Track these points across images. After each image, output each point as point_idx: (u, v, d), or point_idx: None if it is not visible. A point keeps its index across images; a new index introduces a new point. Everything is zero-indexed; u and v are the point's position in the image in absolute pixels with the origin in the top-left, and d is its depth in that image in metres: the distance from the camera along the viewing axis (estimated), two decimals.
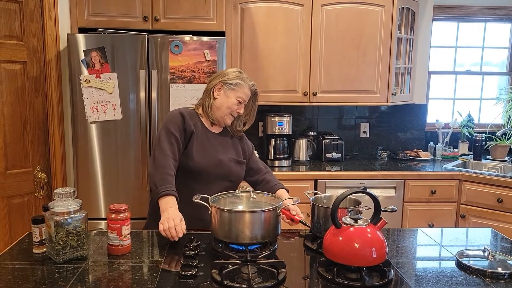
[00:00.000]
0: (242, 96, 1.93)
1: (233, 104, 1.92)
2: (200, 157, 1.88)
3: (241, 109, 1.94)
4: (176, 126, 1.87)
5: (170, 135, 1.85)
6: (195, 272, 1.37)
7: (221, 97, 1.93)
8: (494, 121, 3.82)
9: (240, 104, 1.94)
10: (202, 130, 1.95)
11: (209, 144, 1.93)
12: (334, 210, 1.38)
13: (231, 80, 1.93)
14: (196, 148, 1.89)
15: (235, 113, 1.94)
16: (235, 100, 1.92)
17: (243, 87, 1.93)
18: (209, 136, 1.95)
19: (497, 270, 1.41)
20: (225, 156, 1.94)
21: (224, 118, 1.94)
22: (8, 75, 2.59)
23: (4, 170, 2.61)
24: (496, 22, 3.84)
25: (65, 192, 1.47)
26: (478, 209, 3.10)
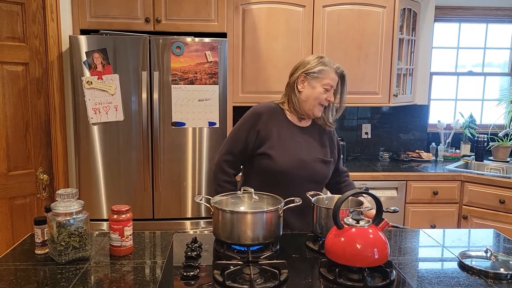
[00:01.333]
0: (329, 82, 1.81)
1: (320, 93, 1.81)
2: (280, 158, 1.80)
3: (331, 97, 1.82)
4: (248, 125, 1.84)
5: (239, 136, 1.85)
6: (197, 273, 1.37)
7: (306, 89, 1.83)
8: (496, 122, 3.82)
9: (329, 92, 1.82)
10: (287, 127, 1.85)
11: (292, 142, 1.84)
12: (336, 211, 1.37)
13: (313, 68, 1.82)
14: (276, 148, 1.81)
15: (325, 101, 1.82)
16: (322, 89, 1.81)
17: (328, 72, 1.82)
18: (294, 133, 1.85)
19: (499, 271, 1.40)
20: (309, 155, 1.84)
21: (313, 110, 1.83)
22: (10, 76, 2.60)
23: (6, 171, 2.62)
24: (498, 23, 3.84)
25: (67, 193, 1.48)
26: (480, 210, 3.09)
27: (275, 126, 1.85)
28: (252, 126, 1.84)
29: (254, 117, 1.86)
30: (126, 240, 1.55)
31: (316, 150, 1.88)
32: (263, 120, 1.84)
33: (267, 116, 1.85)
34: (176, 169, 2.82)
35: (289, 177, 1.81)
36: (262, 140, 1.83)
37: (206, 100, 2.78)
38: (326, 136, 1.94)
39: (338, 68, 1.85)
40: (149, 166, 2.78)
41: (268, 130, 1.83)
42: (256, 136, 1.83)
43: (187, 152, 2.82)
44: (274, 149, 1.82)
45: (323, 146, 1.92)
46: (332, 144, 1.96)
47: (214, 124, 2.81)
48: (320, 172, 1.88)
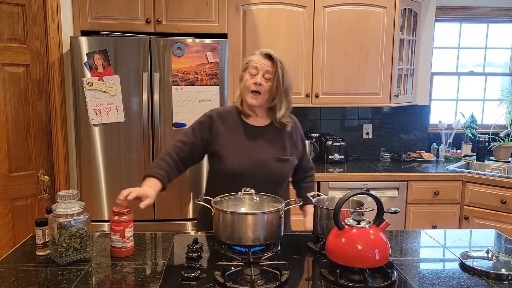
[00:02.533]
0: (253, 65, 1.79)
1: (247, 80, 1.80)
2: (231, 159, 1.79)
3: (256, 79, 1.77)
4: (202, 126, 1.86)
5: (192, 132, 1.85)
6: (198, 274, 1.37)
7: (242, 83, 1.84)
8: (497, 122, 3.81)
9: (255, 76, 1.78)
10: (241, 128, 1.85)
11: (246, 143, 1.83)
12: (337, 211, 1.37)
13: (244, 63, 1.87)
14: (227, 149, 1.81)
15: (253, 86, 1.78)
16: (248, 76, 1.80)
17: (253, 60, 1.81)
18: (249, 133, 1.84)
19: (500, 272, 1.40)
20: (265, 154, 1.82)
21: (246, 99, 1.81)
22: (12, 78, 2.60)
23: (7, 172, 2.62)
24: (498, 22, 3.84)
25: (68, 194, 1.48)
26: (482, 210, 3.09)
27: (227, 127, 1.85)
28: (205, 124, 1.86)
29: (206, 117, 1.88)
30: (127, 241, 1.55)
31: (273, 149, 1.85)
32: (215, 120, 1.85)
33: (220, 117, 1.86)
34: None
35: (244, 177, 1.76)
36: (213, 141, 1.84)
37: (207, 101, 2.78)
38: (286, 134, 1.91)
39: (263, 51, 1.82)
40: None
41: (219, 131, 1.84)
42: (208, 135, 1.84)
43: None
44: (225, 150, 1.82)
45: (282, 144, 1.88)
46: (292, 142, 1.92)
47: None
48: (276, 171, 1.84)
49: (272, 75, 1.79)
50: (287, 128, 1.91)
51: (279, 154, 1.85)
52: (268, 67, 1.79)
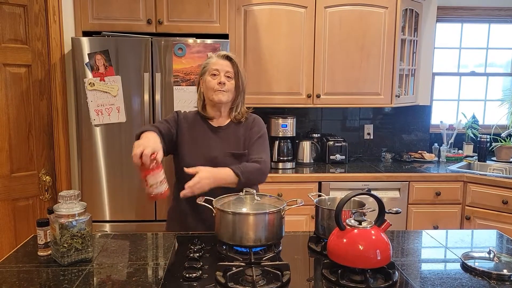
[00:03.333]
0: (212, 67, 1.89)
1: (209, 81, 1.89)
2: (190, 157, 1.88)
3: (220, 78, 1.87)
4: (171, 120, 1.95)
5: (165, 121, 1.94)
6: (199, 274, 1.37)
7: (203, 85, 1.94)
8: (499, 122, 3.81)
9: (217, 76, 1.88)
10: (200, 128, 1.94)
11: (203, 141, 1.92)
12: (338, 212, 1.37)
13: (202, 67, 1.95)
14: (186, 147, 1.90)
15: (218, 86, 1.87)
16: (209, 77, 1.89)
17: (211, 62, 1.92)
18: (207, 133, 1.93)
19: (502, 272, 1.40)
20: (220, 151, 1.89)
21: (213, 97, 1.89)
22: (13, 78, 2.61)
23: (9, 173, 2.63)
24: (500, 23, 3.83)
25: (70, 194, 1.48)
26: (483, 210, 3.08)
27: (188, 126, 1.94)
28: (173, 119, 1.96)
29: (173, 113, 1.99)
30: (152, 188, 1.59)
31: (229, 146, 1.92)
32: (180, 118, 1.96)
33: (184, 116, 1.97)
34: None
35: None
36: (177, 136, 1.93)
37: None
38: (243, 128, 1.97)
39: (220, 53, 1.93)
40: None
41: (182, 127, 1.93)
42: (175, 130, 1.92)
43: None
44: (184, 148, 1.91)
45: (237, 139, 1.94)
46: (247, 134, 1.96)
47: None
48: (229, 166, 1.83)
49: (233, 74, 1.91)
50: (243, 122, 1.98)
51: (234, 149, 1.92)
52: (228, 67, 1.91)
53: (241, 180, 1.79)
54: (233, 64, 1.91)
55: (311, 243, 1.67)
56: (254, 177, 1.86)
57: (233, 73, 1.91)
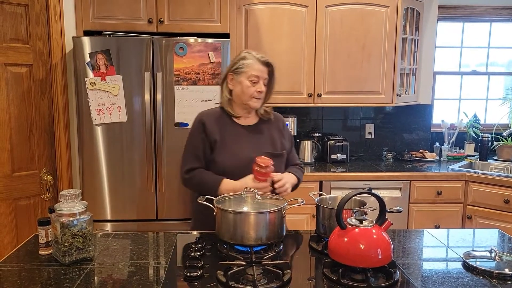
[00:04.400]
0: (253, 73, 1.85)
1: (248, 87, 1.85)
2: (229, 160, 1.84)
3: (260, 87, 1.86)
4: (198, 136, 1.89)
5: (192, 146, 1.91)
6: (200, 273, 1.37)
7: (235, 86, 1.89)
8: (501, 121, 3.80)
9: (257, 84, 1.86)
10: (232, 129, 1.90)
11: (237, 143, 1.88)
12: (339, 211, 1.37)
13: (237, 64, 1.89)
14: (221, 152, 1.86)
15: (257, 94, 1.86)
16: (248, 82, 1.85)
17: (251, 64, 1.86)
18: (239, 134, 1.90)
19: (504, 271, 1.40)
20: (257, 152, 1.84)
21: (249, 104, 1.88)
22: (14, 78, 2.61)
23: (10, 172, 2.63)
24: (501, 22, 3.82)
25: (71, 194, 1.48)
26: (485, 210, 3.08)
27: (219, 130, 1.89)
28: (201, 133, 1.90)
29: (200, 125, 1.91)
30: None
31: (265, 146, 1.91)
32: (207, 127, 1.89)
33: (210, 122, 1.90)
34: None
35: (237, 177, 1.82)
36: (211, 146, 1.89)
37: (209, 100, 2.78)
38: (273, 128, 1.98)
39: (262, 57, 1.89)
40: (153, 167, 2.79)
41: (213, 136, 1.88)
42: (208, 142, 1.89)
43: None
44: (219, 153, 1.86)
45: (272, 139, 1.95)
46: (281, 134, 1.98)
47: None
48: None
49: (268, 82, 1.93)
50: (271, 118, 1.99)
51: (271, 149, 1.91)
52: (266, 74, 1.90)
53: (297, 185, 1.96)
54: (270, 71, 1.92)
55: (312, 242, 1.67)
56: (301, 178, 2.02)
57: (268, 80, 1.92)
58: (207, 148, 1.89)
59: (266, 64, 1.89)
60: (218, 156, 1.86)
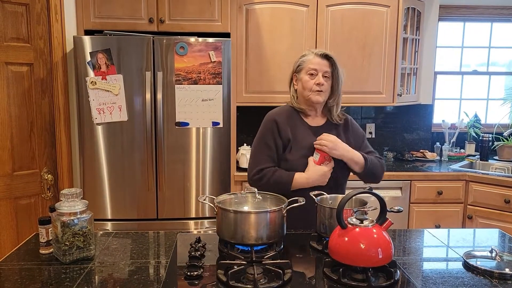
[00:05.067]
0: (310, 66, 1.85)
1: (307, 81, 1.85)
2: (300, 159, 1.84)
3: (318, 79, 1.83)
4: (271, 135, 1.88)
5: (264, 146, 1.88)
6: (200, 272, 1.37)
7: (298, 84, 1.90)
8: (501, 121, 3.80)
9: (315, 75, 1.84)
10: (302, 129, 1.89)
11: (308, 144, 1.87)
12: (340, 210, 1.37)
13: (297, 63, 1.91)
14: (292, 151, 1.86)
15: (315, 86, 1.83)
16: (307, 76, 1.85)
17: (308, 59, 1.86)
18: (308, 135, 1.88)
19: (504, 271, 1.40)
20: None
21: (310, 98, 1.86)
22: (15, 77, 2.61)
23: (11, 171, 2.63)
24: (502, 22, 3.82)
25: (72, 193, 1.48)
26: (485, 210, 3.08)
27: (291, 128, 1.89)
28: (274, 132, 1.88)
29: (272, 123, 1.89)
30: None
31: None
32: (280, 125, 1.88)
33: (282, 120, 1.89)
34: (180, 169, 2.82)
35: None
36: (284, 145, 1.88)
37: (210, 100, 2.78)
38: (340, 129, 1.95)
39: (319, 51, 1.87)
40: (153, 166, 2.79)
41: (286, 133, 1.87)
42: (281, 141, 1.87)
43: (190, 152, 2.82)
44: (291, 152, 1.87)
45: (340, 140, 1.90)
46: (348, 136, 1.95)
47: (217, 124, 2.82)
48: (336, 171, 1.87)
49: (330, 74, 1.87)
50: (341, 123, 1.95)
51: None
52: (326, 67, 1.86)
53: (367, 165, 1.86)
54: (331, 64, 1.86)
55: (313, 241, 1.67)
56: (377, 168, 1.92)
57: (330, 73, 1.86)
58: (280, 148, 1.88)
59: (325, 56, 1.86)
60: (290, 155, 1.86)
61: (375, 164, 1.93)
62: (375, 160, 1.95)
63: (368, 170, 1.89)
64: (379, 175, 1.97)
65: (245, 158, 3.13)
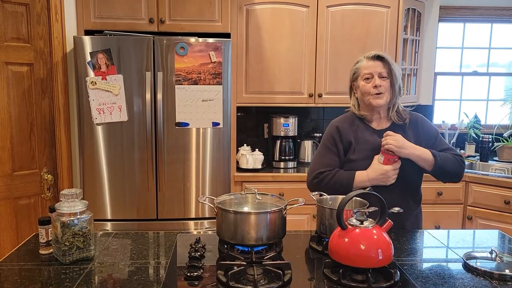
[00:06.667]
0: (364, 71, 1.84)
1: (364, 86, 1.84)
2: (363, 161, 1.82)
3: (374, 82, 1.81)
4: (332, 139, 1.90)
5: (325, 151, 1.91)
6: (200, 273, 1.37)
7: (357, 91, 1.89)
8: (501, 122, 3.80)
9: (371, 79, 1.83)
10: (365, 132, 1.87)
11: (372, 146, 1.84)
12: (340, 211, 1.37)
13: (352, 71, 1.91)
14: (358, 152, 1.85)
15: (373, 89, 1.82)
16: (363, 82, 1.84)
17: (361, 66, 1.86)
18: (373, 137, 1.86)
19: (504, 272, 1.40)
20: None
21: (371, 102, 1.84)
22: (15, 77, 2.61)
23: (11, 171, 2.63)
24: (502, 22, 3.82)
25: (72, 193, 1.48)
26: (485, 210, 3.08)
27: (353, 133, 1.89)
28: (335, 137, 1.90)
29: (333, 129, 1.92)
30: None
31: None
32: (341, 130, 1.89)
33: (344, 126, 1.90)
34: (180, 169, 2.82)
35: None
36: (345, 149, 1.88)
37: (210, 100, 2.78)
38: (408, 129, 1.88)
39: (369, 54, 1.86)
40: (153, 166, 2.79)
41: (348, 138, 1.87)
42: (343, 146, 1.88)
43: (190, 153, 2.82)
44: (354, 153, 1.86)
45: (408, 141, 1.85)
46: (418, 135, 1.87)
47: (218, 125, 2.82)
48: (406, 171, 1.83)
49: (387, 74, 1.84)
50: (407, 122, 1.91)
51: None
52: (380, 68, 1.83)
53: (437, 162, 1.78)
54: (385, 64, 1.84)
55: (313, 242, 1.67)
56: (450, 165, 1.82)
57: (386, 73, 1.84)
58: (341, 151, 1.89)
59: (377, 58, 1.84)
60: (354, 155, 1.86)
61: (448, 160, 1.83)
62: (449, 156, 1.84)
63: (439, 167, 1.81)
64: (456, 172, 1.86)
65: (245, 159, 3.14)
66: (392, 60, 1.87)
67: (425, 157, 1.80)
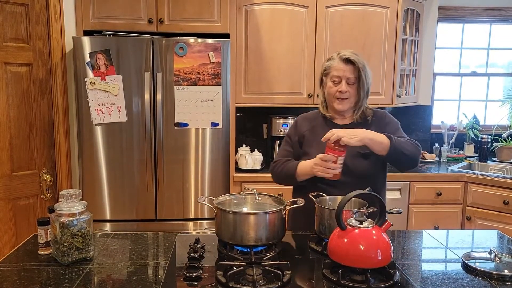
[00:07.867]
0: (334, 73, 1.81)
1: (330, 87, 1.82)
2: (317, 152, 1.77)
3: (341, 87, 1.79)
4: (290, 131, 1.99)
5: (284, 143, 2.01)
6: (199, 273, 1.37)
7: (325, 87, 1.87)
8: (500, 122, 3.81)
9: (338, 84, 1.80)
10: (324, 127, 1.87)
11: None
12: (339, 211, 1.37)
13: (324, 66, 1.88)
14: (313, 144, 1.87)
15: (338, 94, 1.80)
16: (331, 83, 1.82)
17: (332, 65, 1.82)
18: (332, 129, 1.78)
19: (503, 272, 1.40)
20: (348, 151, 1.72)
21: (333, 106, 1.84)
22: (14, 77, 2.61)
23: (10, 172, 2.63)
24: (501, 23, 3.83)
25: (71, 193, 1.48)
26: (484, 211, 3.08)
27: (309, 126, 1.94)
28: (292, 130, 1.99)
29: (293, 122, 2.02)
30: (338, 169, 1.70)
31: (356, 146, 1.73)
32: (299, 123, 1.97)
33: (303, 119, 1.97)
34: (179, 170, 2.82)
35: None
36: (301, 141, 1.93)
37: (209, 101, 2.78)
38: (372, 127, 1.84)
39: (343, 55, 1.80)
40: (152, 167, 2.79)
41: (302, 130, 1.93)
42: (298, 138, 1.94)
43: (190, 153, 2.82)
44: (307, 146, 1.90)
45: None
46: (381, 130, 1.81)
47: (217, 125, 2.82)
48: (357, 167, 1.81)
49: (355, 80, 1.81)
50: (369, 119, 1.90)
51: (363, 149, 1.76)
52: (349, 73, 1.80)
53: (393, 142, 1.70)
54: (355, 68, 1.79)
55: (312, 243, 1.67)
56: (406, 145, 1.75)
57: (355, 78, 1.80)
58: (295, 143, 1.95)
59: (349, 61, 1.79)
60: (308, 148, 1.89)
61: (403, 143, 1.76)
62: (404, 140, 1.79)
63: (395, 149, 1.71)
64: (413, 156, 1.78)
65: (244, 159, 3.13)
66: (364, 63, 1.82)
67: (379, 139, 1.72)
